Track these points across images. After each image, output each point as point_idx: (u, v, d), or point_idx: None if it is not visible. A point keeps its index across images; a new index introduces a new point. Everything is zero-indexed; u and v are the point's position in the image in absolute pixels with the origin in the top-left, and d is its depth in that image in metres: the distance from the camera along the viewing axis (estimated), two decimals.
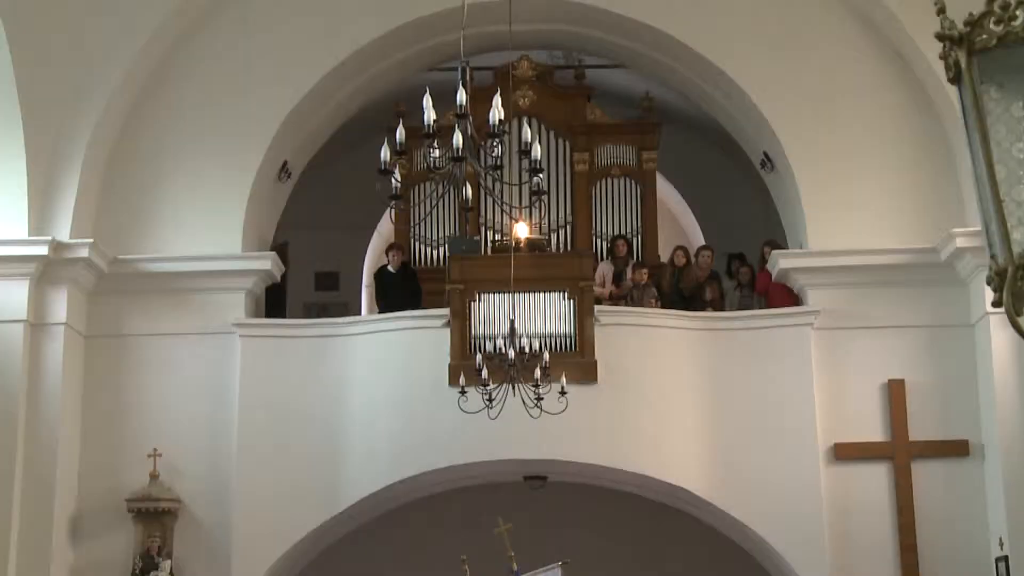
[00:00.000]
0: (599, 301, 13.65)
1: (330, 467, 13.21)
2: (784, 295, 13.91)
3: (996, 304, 2.86)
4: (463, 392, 11.30)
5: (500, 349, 11.24)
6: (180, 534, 13.09)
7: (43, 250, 12.75)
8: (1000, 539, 12.58)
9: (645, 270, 14.17)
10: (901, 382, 13.25)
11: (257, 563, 13.05)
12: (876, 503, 13.06)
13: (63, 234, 12.99)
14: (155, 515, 12.98)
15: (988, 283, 2.87)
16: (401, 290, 14.25)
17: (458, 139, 6.56)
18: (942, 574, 12.87)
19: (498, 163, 6.70)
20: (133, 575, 12.74)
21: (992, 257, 2.87)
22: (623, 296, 14.19)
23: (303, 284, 16.54)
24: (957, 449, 13.12)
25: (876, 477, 13.13)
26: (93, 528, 13.10)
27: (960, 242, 12.85)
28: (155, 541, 12.84)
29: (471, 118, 6.68)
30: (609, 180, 15.64)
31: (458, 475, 13.71)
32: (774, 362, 13.34)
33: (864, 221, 13.55)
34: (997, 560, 12.63)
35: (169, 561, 12.86)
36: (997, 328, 12.55)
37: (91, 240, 13.11)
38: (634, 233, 15.43)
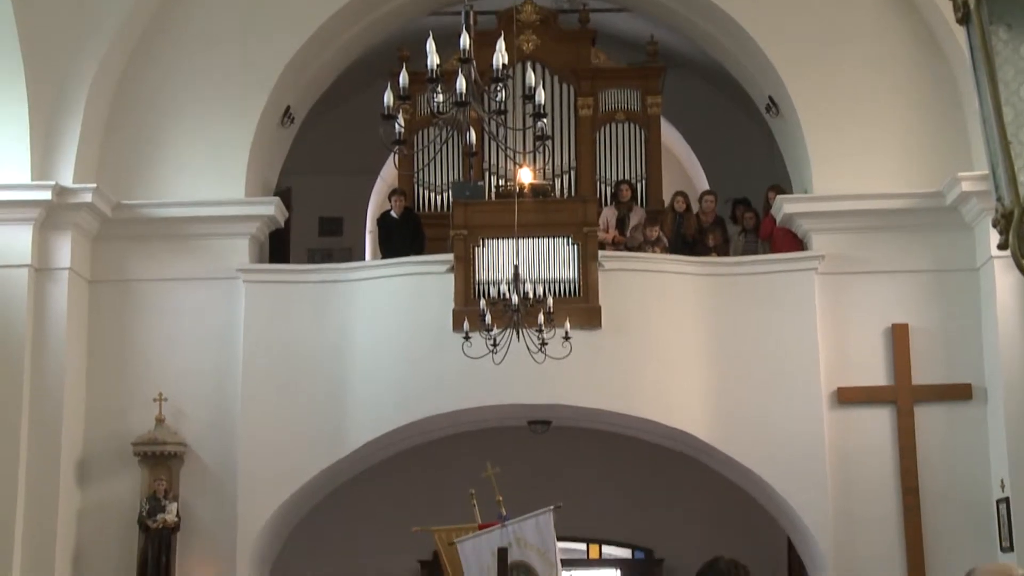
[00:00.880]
0: (603, 246, 13.64)
1: (335, 411, 13.26)
2: (789, 240, 13.89)
3: (1002, 247, 2.84)
4: (467, 337, 11.32)
5: (504, 294, 11.20)
6: (186, 477, 13.18)
7: (46, 195, 12.73)
8: (1001, 481, 12.65)
9: (657, 227, 14.07)
10: (905, 326, 13.26)
11: (263, 506, 13.15)
12: (879, 447, 13.11)
13: (66, 179, 12.96)
14: (161, 458, 13.07)
15: (994, 225, 2.85)
16: (404, 236, 14.23)
17: (462, 84, 6.51)
18: (944, 516, 12.95)
19: (502, 108, 6.66)
20: (140, 517, 12.84)
21: (998, 199, 2.85)
22: (631, 248, 14.14)
23: (307, 229, 16.53)
24: (960, 393, 13.15)
25: (879, 421, 13.17)
26: (99, 472, 13.19)
27: (966, 186, 12.79)
28: (161, 484, 12.93)
29: (475, 63, 6.63)
30: (613, 125, 15.54)
31: (462, 420, 13.77)
32: (778, 307, 13.34)
33: (869, 165, 13.49)
34: (998, 502, 12.71)
35: (176, 504, 12.96)
36: (1002, 272, 12.55)
37: (94, 185, 13.07)
38: (638, 178, 15.36)
